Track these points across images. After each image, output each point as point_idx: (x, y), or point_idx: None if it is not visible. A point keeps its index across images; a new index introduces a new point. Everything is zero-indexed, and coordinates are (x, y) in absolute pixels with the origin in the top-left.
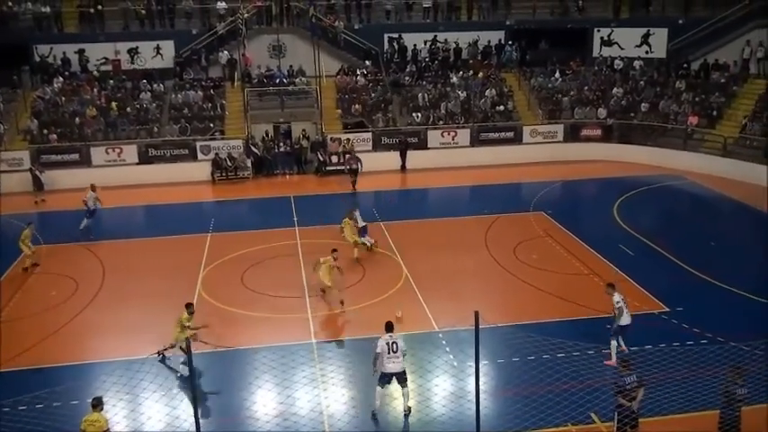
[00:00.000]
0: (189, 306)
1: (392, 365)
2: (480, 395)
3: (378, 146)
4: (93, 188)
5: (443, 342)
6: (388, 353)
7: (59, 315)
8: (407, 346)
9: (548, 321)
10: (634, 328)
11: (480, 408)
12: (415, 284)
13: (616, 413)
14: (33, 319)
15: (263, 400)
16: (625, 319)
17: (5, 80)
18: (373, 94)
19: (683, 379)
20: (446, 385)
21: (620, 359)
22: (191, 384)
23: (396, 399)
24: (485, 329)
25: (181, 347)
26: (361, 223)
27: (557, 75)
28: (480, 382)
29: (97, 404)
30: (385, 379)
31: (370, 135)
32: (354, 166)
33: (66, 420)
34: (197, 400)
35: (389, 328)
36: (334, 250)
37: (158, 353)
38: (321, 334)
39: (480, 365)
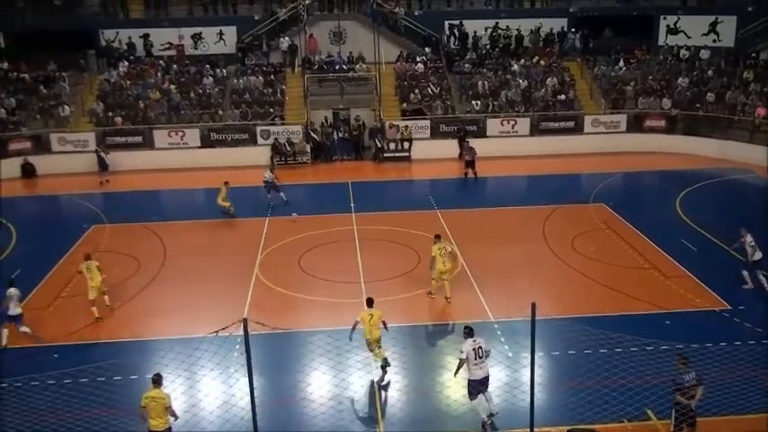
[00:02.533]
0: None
1: (480, 372)
2: (535, 387)
3: (436, 133)
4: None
5: (498, 332)
6: (475, 358)
7: (121, 292)
8: (461, 335)
9: (605, 315)
10: (695, 326)
11: (534, 400)
12: (470, 273)
13: (674, 411)
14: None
15: (318, 383)
16: (757, 255)
17: (72, 64)
18: (432, 82)
19: (744, 379)
20: (500, 375)
21: (679, 357)
22: (247, 364)
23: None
24: (541, 321)
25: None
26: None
27: (620, 63)
28: (535, 374)
29: (158, 380)
30: (477, 388)
31: (428, 122)
32: (469, 158)
33: (126, 393)
34: (253, 379)
35: (471, 332)
36: (438, 236)
37: (215, 332)
38: None
39: (536, 357)
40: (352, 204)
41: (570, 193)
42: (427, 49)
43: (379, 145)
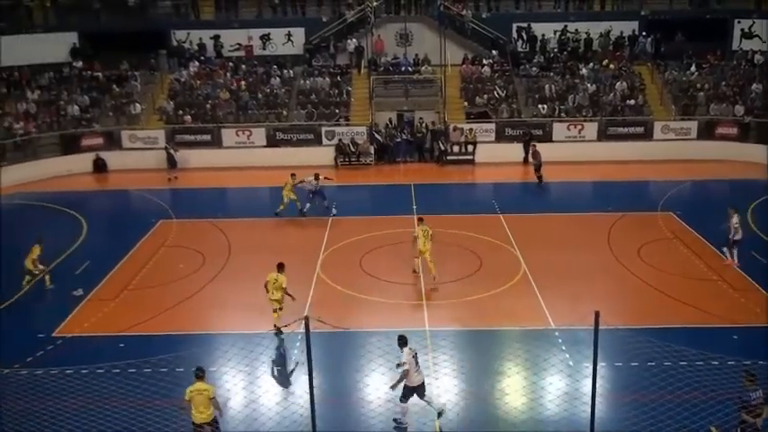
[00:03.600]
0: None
1: (418, 377)
2: (596, 398)
3: (501, 137)
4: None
5: (559, 340)
6: (416, 365)
7: (186, 286)
8: (521, 341)
9: (671, 327)
10: (763, 342)
11: (595, 411)
12: (532, 279)
13: (738, 429)
14: (162, 288)
15: (376, 384)
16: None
17: (144, 63)
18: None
19: None
20: (560, 385)
21: (746, 373)
22: (307, 362)
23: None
24: (604, 331)
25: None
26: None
27: (692, 68)
28: (597, 385)
29: (201, 374)
30: (412, 393)
31: (493, 126)
32: (536, 162)
33: (187, 385)
34: (313, 377)
35: (405, 341)
36: (421, 219)
37: (276, 329)
38: (435, 322)
39: (597, 367)
40: (415, 206)
41: (637, 201)
42: (494, 52)
43: (443, 147)
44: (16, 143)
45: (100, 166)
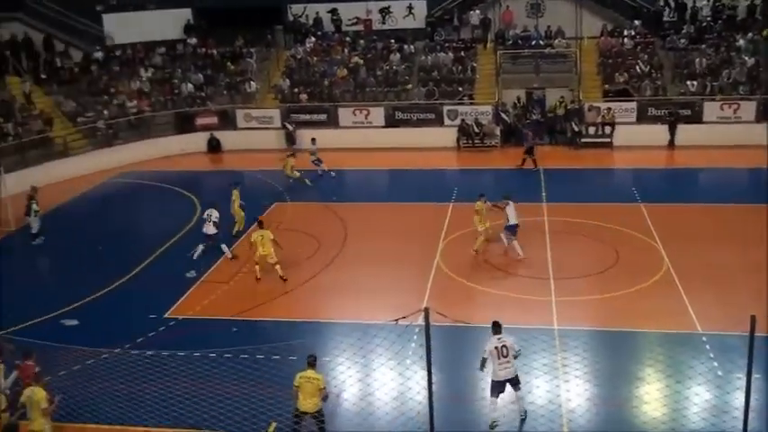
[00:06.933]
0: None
1: (503, 372)
2: (749, 413)
3: (643, 117)
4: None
5: (707, 347)
6: (499, 358)
7: (301, 272)
8: (663, 346)
9: None
10: None
11: (748, 428)
12: (677, 277)
13: None
14: (276, 273)
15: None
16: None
17: (260, 39)
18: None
19: None
20: (707, 396)
21: None
22: (426, 357)
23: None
24: (760, 338)
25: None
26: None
27: None
28: (750, 399)
29: (313, 362)
30: (498, 389)
31: (634, 105)
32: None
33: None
34: (432, 373)
35: (497, 329)
36: (482, 195)
37: (395, 321)
38: (565, 320)
39: (752, 379)
40: (544, 193)
41: None
42: (636, 22)
43: (577, 129)
44: (130, 122)
45: (214, 146)
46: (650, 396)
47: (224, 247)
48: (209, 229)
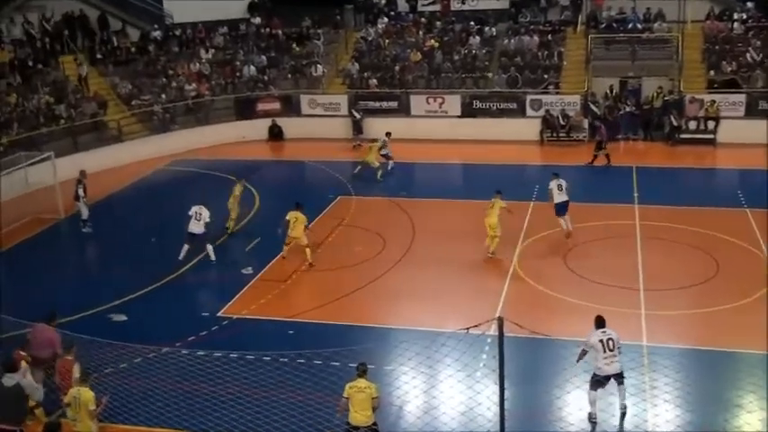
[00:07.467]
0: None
1: (609, 368)
2: None
3: (752, 111)
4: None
5: None
6: (604, 351)
7: (364, 273)
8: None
9: None
10: None
11: None
12: None
13: None
14: (337, 273)
15: (577, 401)
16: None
17: (328, 20)
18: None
19: None
20: None
21: None
22: (499, 370)
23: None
24: None
25: None
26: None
27: None
28: None
29: (364, 370)
30: (601, 383)
31: (743, 97)
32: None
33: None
34: (504, 388)
35: (601, 322)
36: (498, 192)
37: (466, 329)
38: (656, 336)
39: None
40: (636, 194)
41: None
42: (749, 4)
43: (675, 123)
44: (188, 106)
45: (276, 134)
46: (750, 426)
47: (209, 248)
48: (196, 228)
